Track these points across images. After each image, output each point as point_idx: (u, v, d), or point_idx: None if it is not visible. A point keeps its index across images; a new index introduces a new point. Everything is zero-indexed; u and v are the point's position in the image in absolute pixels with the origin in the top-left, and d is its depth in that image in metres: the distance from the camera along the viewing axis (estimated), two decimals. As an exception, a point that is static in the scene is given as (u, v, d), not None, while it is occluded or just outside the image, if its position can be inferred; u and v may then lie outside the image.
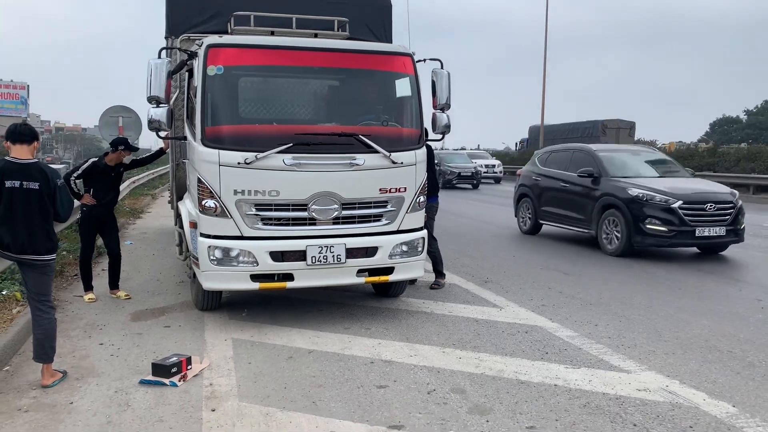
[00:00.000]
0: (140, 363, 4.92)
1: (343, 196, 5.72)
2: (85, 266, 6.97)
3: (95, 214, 6.81)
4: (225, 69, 5.65)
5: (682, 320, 6.14)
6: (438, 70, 6.40)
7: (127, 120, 14.19)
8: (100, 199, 6.78)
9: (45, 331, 4.46)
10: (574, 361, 4.98)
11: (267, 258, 5.57)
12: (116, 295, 7.00)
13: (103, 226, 7.00)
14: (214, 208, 5.51)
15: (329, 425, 3.83)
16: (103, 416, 3.96)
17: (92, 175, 6.80)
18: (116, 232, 7.18)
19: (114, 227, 7.14)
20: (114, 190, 7.05)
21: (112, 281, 7.10)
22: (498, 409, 4.07)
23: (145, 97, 5.67)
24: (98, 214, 6.83)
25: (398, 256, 6.02)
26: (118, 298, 6.93)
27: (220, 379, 4.57)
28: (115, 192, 7.12)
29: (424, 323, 6.02)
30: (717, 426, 3.82)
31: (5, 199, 4.28)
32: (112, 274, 7.11)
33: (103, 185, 6.84)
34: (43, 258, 4.44)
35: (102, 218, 6.92)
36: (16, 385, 4.48)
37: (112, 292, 7.05)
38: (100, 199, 6.79)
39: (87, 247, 6.97)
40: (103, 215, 6.91)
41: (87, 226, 6.92)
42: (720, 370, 4.79)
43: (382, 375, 4.68)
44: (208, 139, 5.56)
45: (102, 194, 6.81)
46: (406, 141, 6.18)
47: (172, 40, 7.26)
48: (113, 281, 7.11)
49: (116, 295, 7.01)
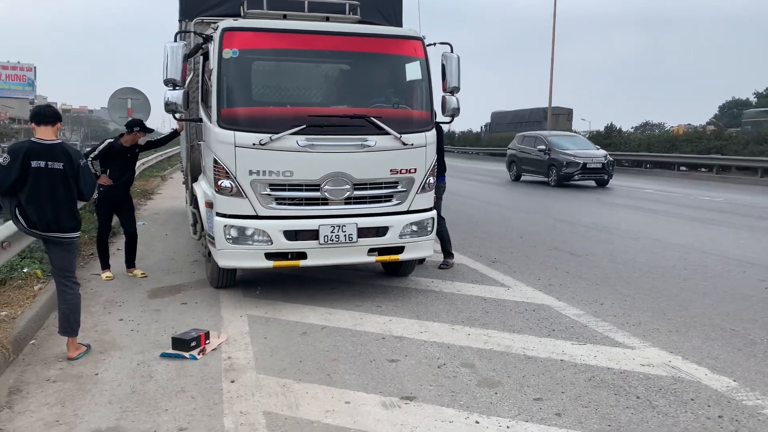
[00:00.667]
0: (160, 337, 5.11)
1: (354, 177, 5.85)
2: (102, 245, 7.15)
3: (112, 194, 6.97)
4: (240, 52, 5.76)
5: (686, 299, 6.27)
6: (448, 53, 6.48)
7: (136, 102, 14.27)
8: (116, 179, 6.94)
9: (70, 306, 4.64)
10: (580, 337, 5.13)
11: (281, 237, 5.72)
12: (133, 274, 7.19)
13: (120, 206, 7.17)
14: (230, 188, 5.66)
15: (344, 396, 4.00)
16: (127, 386, 4.14)
17: (108, 155, 6.95)
18: (132, 212, 7.35)
19: (130, 207, 7.31)
20: (130, 171, 7.22)
21: (128, 260, 7.28)
22: (506, 382, 4.23)
23: (162, 80, 5.79)
24: (115, 194, 7.00)
25: (408, 236, 6.16)
26: (134, 277, 7.12)
27: (238, 353, 4.75)
28: (131, 172, 7.28)
29: (433, 301, 6.17)
30: (717, 398, 3.96)
31: (31, 179, 4.43)
32: (128, 253, 7.28)
33: (119, 166, 6.99)
34: (67, 235, 4.60)
35: (118, 198, 7.08)
36: (42, 357, 4.68)
37: (129, 271, 7.23)
38: (117, 180, 6.95)
39: (104, 226, 7.14)
40: (119, 195, 7.07)
41: (104, 206, 7.08)
42: (722, 347, 4.93)
43: (393, 350, 4.85)
44: (223, 120, 5.69)
45: (118, 174, 6.97)
46: (417, 123, 6.29)
47: (186, 23, 7.35)
48: (130, 260, 7.28)
49: (133, 273, 7.20)
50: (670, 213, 12.86)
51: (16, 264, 6.67)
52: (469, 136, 55.68)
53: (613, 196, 16.21)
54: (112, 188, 6.93)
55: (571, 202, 15.09)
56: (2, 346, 4.44)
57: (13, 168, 4.38)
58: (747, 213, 12.94)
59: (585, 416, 3.73)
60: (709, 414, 3.76)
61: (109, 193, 6.95)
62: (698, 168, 25.22)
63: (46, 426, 3.59)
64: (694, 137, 27.97)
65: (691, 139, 27.71)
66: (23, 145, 4.51)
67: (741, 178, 22.56)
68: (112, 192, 6.96)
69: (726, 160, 23.79)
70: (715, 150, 25.20)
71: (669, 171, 25.76)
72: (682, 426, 3.61)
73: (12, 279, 6.27)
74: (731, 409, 3.81)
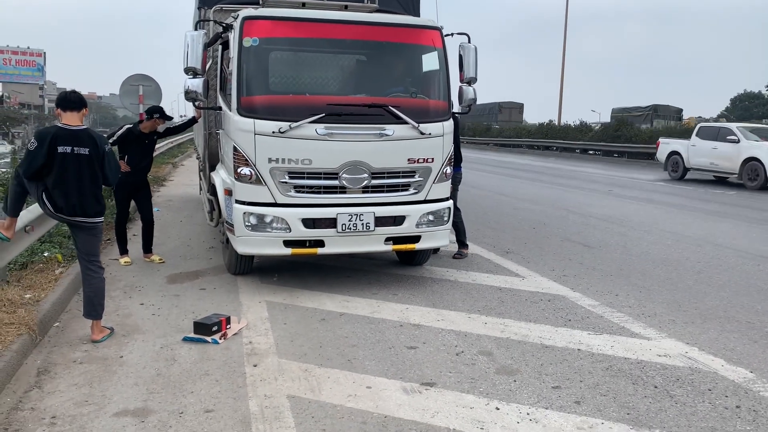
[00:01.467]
0: (181, 322, 5.18)
1: (372, 166, 5.89)
2: (121, 231, 7.24)
3: (130, 180, 7.01)
4: (260, 41, 5.80)
5: (700, 292, 6.30)
6: (465, 44, 6.49)
7: (148, 89, 14.30)
8: (134, 165, 6.99)
9: (95, 290, 4.72)
10: (596, 328, 5.17)
11: (299, 225, 5.78)
12: (150, 259, 7.27)
13: (138, 192, 7.23)
14: (250, 175, 5.71)
15: (365, 381, 4.07)
16: (152, 369, 4.22)
17: (127, 141, 7.02)
18: (149, 199, 7.42)
19: (147, 194, 7.38)
20: (148, 157, 7.27)
21: (145, 245, 7.35)
22: (524, 371, 4.28)
23: (182, 69, 5.83)
24: (133, 180, 7.05)
25: (425, 225, 6.20)
26: (152, 262, 7.20)
27: (259, 338, 4.82)
28: (149, 159, 7.33)
29: (449, 290, 6.22)
30: (735, 389, 4.01)
31: (58, 164, 4.49)
32: (145, 239, 7.35)
33: (137, 152, 7.05)
34: (92, 220, 4.67)
35: (137, 184, 7.15)
36: (68, 339, 4.77)
37: (146, 256, 7.31)
38: (135, 166, 7.00)
39: (122, 212, 7.22)
40: (137, 182, 7.14)
41: (122, 192, 7.13)
42: (738, 338, 4.97)
43: (411, 337, 4.91)
44: (243, 108, 5.74)
45: (137, 161, 7.03)
46: (434, 113, 6.31)
47: (205, 11, 7.37)
48: (147, 246, 7.36)
49: (150, 259, 7.28)
50: (682, 206, 12.85)
51: (36, 248, 6.76)
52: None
53: (624, 188, 16.18)
54: (131, 174, 6.96)
55: (581, 194, 15.07)
56: (29, 328, 4.53)
57: (40, 153, 4.43)
58: (759, 207, 12.91)
59: (604, 404, 3.78)
60: (727, 404, 3.80)
61: (128, 179, 6.95)
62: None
63: (76, 405, 3.68)
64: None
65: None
66: (50, 131, 4.56)
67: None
68: (130, 178, 6.99)
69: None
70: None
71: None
72: (700, 415, 3.65)
73: (33, 263, 6.37)
74: (749, 400, 3.85)
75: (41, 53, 73.85)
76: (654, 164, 22.51)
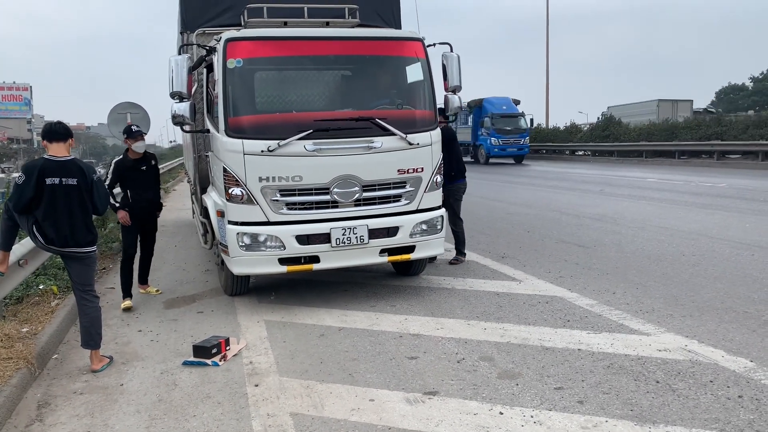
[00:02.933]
0: (180, 346, 5.16)
1: (363, 179, 5.91)
2: (126, 269, 6.62)
3: (138, 215, 6.61)
4: (244, 61, 5.84)
5: (697, 285, 6.32)
6: (448, 53, 6.54)
7: (135, 116, 14.24)
8: (138, 200, 6.59)
9: (91, 319, 4.70)
10: (596, 327, 5.18)
11: (293, 242, 5.78)
12: (146, 291, 6.99)
13: (144, 226, 6.80)
14: (241, 195, 5.72)
15: (368, 394, 4.06)
16: (153, 395, 4.20)
17: (122, 176, 6.57)
18: (154, 234, 6.99)
19: (153, 229, 6.95)
20: (151, 189, 6.80)
21: (142, 276, 7.07)
22: (526, 374, 4.28)
23: (168, 93, 5.85)
24: (140, 216, 6.64)
25: (419, 235, 6.22)
26: (148, 294, 6.94)
27: (259, 357, 4.80)
28: (154, 190, 6.86)
29: (446, 298, 6.23)
30: (736, 379, 4.01)
31: (47, 196, 4.48)
32: (142, 270, 7.05)
33: (137, 184, 6.61)
34: (85, 250, 4.66)
35: (144, 220, 6.72)
36: (67, 370, 4.74)
37: (141, 287, 7.01)
38: (138, 200, 6.60)
39: (130, 248, 6.70)
40: (143, 218, 6.70)
41: (130, 235, 6.70)
42: (737, 329, 4.98)
43: (411, 347, 4.90)
44: (231, 129, 5.76)
45: (140, 193, 6.64)
46: (421, 123, 6.35)
47: (188, 35, 7.40)
48: (143, 277, 7.08)
49: (146, 290, 6.99)
50: (674, 201, 12.91)
51: (31, 281, 6.72)
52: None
53: (615, 187, 16.25)
54: (137, 209, 6.58)
55: (573, 194, 15.13)
56: (27, 362, 4.50)
57: (28, 186, 4.43)
58: (751, 197, 12.99)
59: (607, 402, 3.78)
60: (729, 395, 3.80)
61: (134, 213, 6.57)
62: (700, 155, 25.31)
63: (78, 437, 3.65)
64: (693, 124, 28.01)
65: (690, 127, 27.75)
66: (37, 163, 4.56)
67: (741, 162, 22.62)
68: (138, 213, 6.60)
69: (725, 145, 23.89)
70: (715, 136, 25.25)
71: (670, 159, 25.85)
72: (703, 407, 3.66)
73: (29, 296, 6.34)
74: (751, 389, 3.86)
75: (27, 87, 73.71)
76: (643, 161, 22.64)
